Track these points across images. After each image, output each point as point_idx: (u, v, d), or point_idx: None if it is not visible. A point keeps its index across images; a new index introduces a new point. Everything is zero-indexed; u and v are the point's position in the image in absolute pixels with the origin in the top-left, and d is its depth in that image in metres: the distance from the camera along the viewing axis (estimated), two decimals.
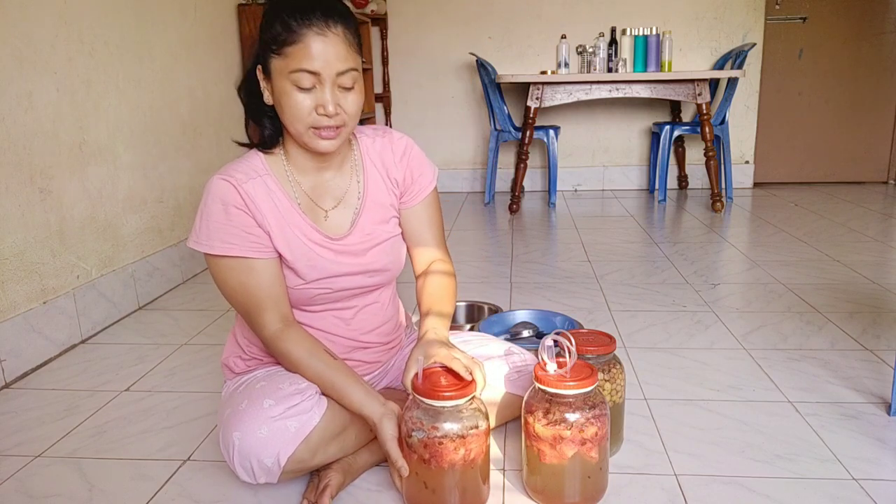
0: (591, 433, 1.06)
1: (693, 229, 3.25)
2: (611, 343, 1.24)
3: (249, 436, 1.06)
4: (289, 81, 1.07)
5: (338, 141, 1.12)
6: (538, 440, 1.08)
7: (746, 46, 3.91)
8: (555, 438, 1.06)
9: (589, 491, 1.10)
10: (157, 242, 2.43)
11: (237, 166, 1.17)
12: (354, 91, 1.11)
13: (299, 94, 1.07)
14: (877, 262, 2.57)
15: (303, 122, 1.09)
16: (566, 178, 4.45)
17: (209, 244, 1.13)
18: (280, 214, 1.16)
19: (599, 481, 1.11)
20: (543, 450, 1.08)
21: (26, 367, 1.77)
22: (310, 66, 1.05)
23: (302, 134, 1.11)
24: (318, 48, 1.05)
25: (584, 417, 1.06)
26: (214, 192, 1.13)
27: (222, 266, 1.14)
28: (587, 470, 1.08)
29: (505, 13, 4.26)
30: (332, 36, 1.06)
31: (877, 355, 1.72)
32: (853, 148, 4.40)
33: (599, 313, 2.08)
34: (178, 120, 2.59)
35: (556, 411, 1.07)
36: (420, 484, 1.07)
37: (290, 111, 1.09)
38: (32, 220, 1.82)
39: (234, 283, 1.15)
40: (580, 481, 1.09)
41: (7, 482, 1.26)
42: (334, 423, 1.12)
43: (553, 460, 1.08)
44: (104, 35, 2.14)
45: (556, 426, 1.06)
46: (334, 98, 1.08)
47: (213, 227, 1.12)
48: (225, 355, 1.32)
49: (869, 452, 1.27)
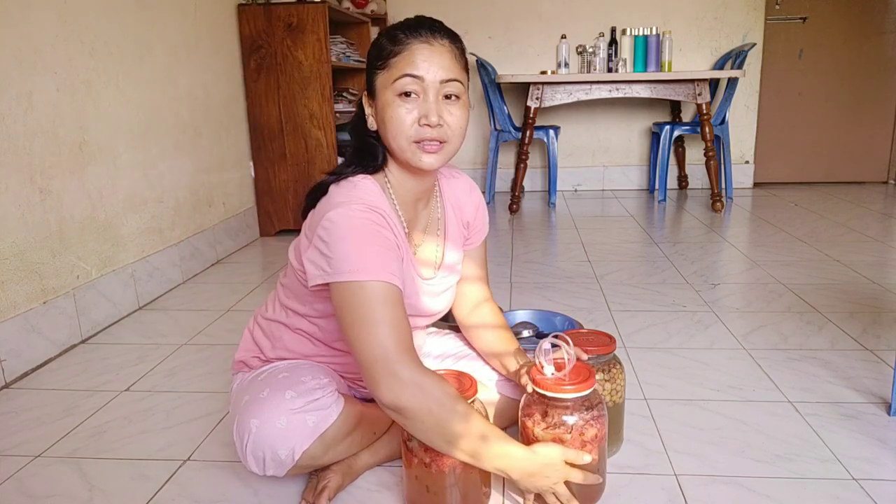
0: (590, 435, 1.05)
1: (693, 229, 3.25)
2: (611, 343, 1.24)
3: (268, 425, 1.05)
4: (392, 92, 1.05)
5: (441, 157, 1.08)
6: (533, 443, 1.07)
7: (746, 46, 3.91)
8: (554, 442, 1.06)
9: (588, 492, 1.09)
10: (157, 242, 2.43)
11: (360, 194, 1.08)
12: (459, 105, 1.08)
13: (403, 104, 1.05)
14: (877, 262, 2.57)
15: (405, 134, 1.06)
16: (566, 178, 4.45)
17: (365, 271, 0.99)
18: (402, 247, 1.12)
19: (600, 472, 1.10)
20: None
21: (26, 367, 1.77)
22: (414, 71, 1.04)
23: (405, 150, 1.07)
24: (423, 54, 1.05)
25: (582, 420, 1.05)
26: (357, 218, 1.02)
27: (373, 296, 0.99)
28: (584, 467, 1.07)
29: (505, 13, 4.26)
30: (437, 45, 1.06)
31: (877, 355, 1.72)
32: (853, 148, 4.40)
33: (599, 313, 2.08)
34: (178, 120, 2.59)
35: (555, 414, 1.06)
36: (422, 487, 1.07)
37: (393, 123, 1.06)
38: (32, 220, 1.82)
39: (384, 311, 0.99)
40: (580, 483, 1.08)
41: (7, 482, 1.26)
42: (348, 422, 1.12)
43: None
44: (104, 35, 2.14)
45: (554, 429, 1.06)
46: (438, 108, 1.06)
47: (361, 251, 1.00)
48: (240, 356, 1.29)
49: (869, 452, 1.27)
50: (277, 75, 3.14)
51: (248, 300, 2.32)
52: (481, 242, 1.34)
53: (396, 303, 1.01)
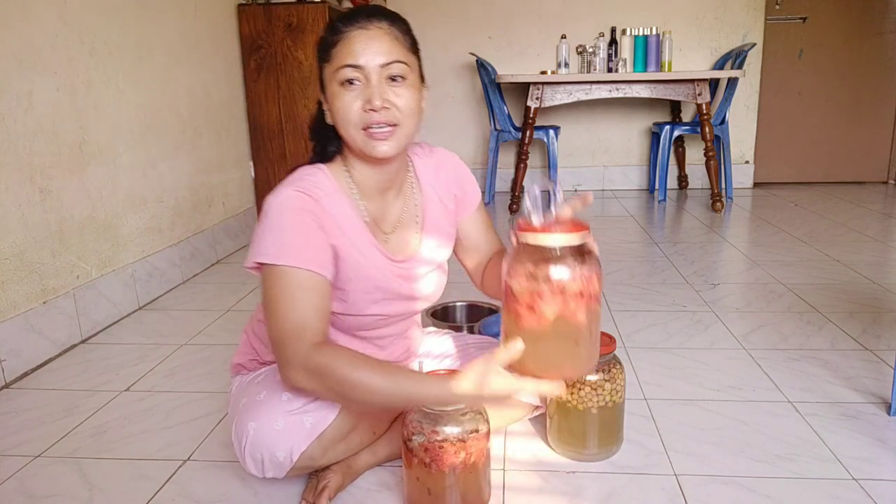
0: (575, 289, 0.90)
1: (693, 229, 3.25)
2: (611, 343, 1.24)
3: (265, 427, 1.06)
4: (336, 82, 1.05)
5: (395, 142, 1.07)
6: (515, 301, 0.93)
7: (746, 46, 3.91)
8: (532, 297, 0.91)
9: (577, 361, 0.95)
10: (157, 242, 2.43)
11: (307, 181, 1.10)
12: (406, 85, 1.07)
13: (347, 93, 1.05)
14: (877, 262, 2.57)
15: (352, 122, 1.06)
16: (566, 178, 4.45)
17: (279, 255, 1.03)
18: (350, 234, 1.12)
19: (588, 350, 0.95)
20: (521, 312, 0.93)
21: (26, 367, 1.77)
22: (352, 60, 1.04)
23: (356, 139, 1.07)
24: (360, 41, 1.04)
25: (571, 273, 0.90)
26: (291, 203, 1.05)
27: (283, 279, 1.03)
28: (574, 335, 0.92)
29: (505, 13, 4.26)
30: (374, 29, 1.05)
31: (877, 355, 1.72)
32: (853, 148, 4.39)
33: None
34: (178, 120, 2.59)
35: (542, 268, 0.91)
36: (422, 489, 1.07)
37: (340, 113, 1.06)
38: (32, 220, 1.82)
39: (287, 298, 1.03)
40: (566, 349, 0.93)
41: (7, 482, 1.26)
42: (346, 423, 1.12)
43: (531, 324, 0.92)
44: (104, 35, 2.14)
45: (536, 282, 0.91)
46: (381, 91, 1.04)
47: (286, 238, 1.03)
48: (237, 359, 1.29)
49: (869, 452, 1.27)
50: (277, 75, 3.14)
51: (248, 300, 2.32)
52: (476, 209, 1.29)
53: (306, 288, 1.03)
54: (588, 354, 0.95)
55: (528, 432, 1.37)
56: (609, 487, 1.18)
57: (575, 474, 1.22)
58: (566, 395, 1.23)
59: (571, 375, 0.94)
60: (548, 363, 0.94)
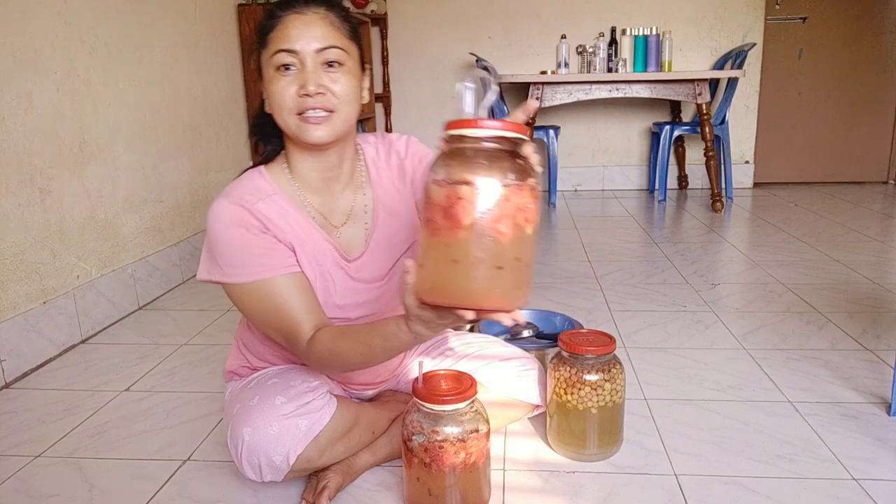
0: (501, 195, 0.75)
1: (693, 229, 3.25)
2: (611, 343, 1.24)
3: (260, 432, 1.05)
4: (271, 68, 1.04)
5: (329, 128, 1.04)
6: (431, 208, 0.77)
7: (746, 46, 3.91)
8: (450, 199, 0.74)
9: (499, 289, 0.76)
10: (157, 242, 2.43)
11: (240, 188, 1.09)
12: (343, 71, 1.04)
13: (282, 78, 1.03)
14: (877, 262, 2.57)
15: (287, 107, 1.03)
16: (566, 178, 4.45)
17: (228, 273, 1.04)
18: (299, 233, 1.09)
19: (514, 278, 0.77)
20: (435, 220, 0.76)
21: (26, 367, 1.77)
22: (287, 45, 1.02)
23: (290, 125, 1.05)
24: (295, 26, 1.02)
25: (498, 174, 0.75)
26: (224, 217, 1.04)
27: (249, 294, 1.05)
28: (497, 254, 0.75)
29: (505, 13, 4.26)
30: (310, 14, 1.03)
31: (877, 355, 1.72)
32: (853, 148, 4.39)
33: (599, 313, 2.08)
34: (178, 120, 2.59)
35: (464, 165, 0.75)
36: (422, 489, 1.07)
37: (276, 99, 1.04)
38: (32, 220, 1.82)
39: (266, 309, 1.04)
40: (486, 269, 0.75)
41: (7, 482, 1.26)
42: (343, 423, 1.12)
43: (445, 234, 0.75)
44: (104, 35, 2.14)
45: (454, 186, 0.75)
46: (316, 77, 1.02)
47: (230, 254, 1.04)
48: (229, 366, 1.28)
49: (869, 452, 1.27)
50: None
51: None
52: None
53: (277, 294, 1.04)
54: (514, 283, 0.78)
55: (527, 432, 1.37)
56: (609, 487, 1.18)
57: (575, 474, 1.22)
58: (568, 396, 1.23)
59: (491, 307, 0.77)
60: (460, 286, 0.76)
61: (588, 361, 1.22)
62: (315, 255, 1.11)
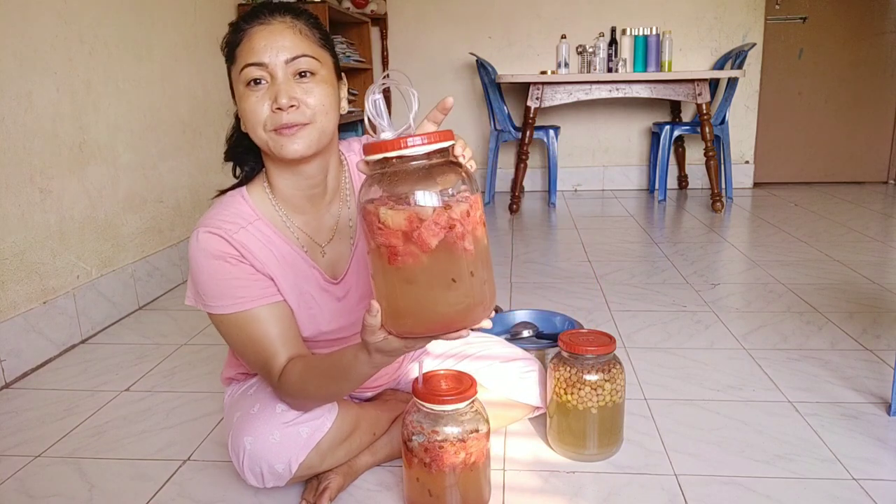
0: (459, 212, 0.74)
1: (693, 229, 3.25)
2: (611, 343, 1.24)
3: (261, 441, 1.05)
4: (242, 84, 0.99)
5: (306, 140, 0.99)
6: (386, 235, 0.74)
7: (746, 46, 3.91)
8: (411, 223, 0.73)
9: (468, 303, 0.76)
10: (157, 242, 2.43)
11: (221, 215, 1.05)
12: (317, 81, 0.99)
13: (252, 94, 0.98)
14: (877, 262, 2.57)
15: (261, 124, 0.99)
16: (566, 178, 4.45)
17: (216, 304, 1.03)
18: (282, 263, 1.07)
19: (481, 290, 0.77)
20: (395, 245, 0.74)
21: (26, 367, 1.77)
22: (255, 58, 0.97)
23: (266, 141, 1.00)
24: (262, 38, 0.98)
25: (452, 191, 0.75)
26: (204, 247, 1.02)
27: (228, 324, 1.04)
28: (462, 272, 0.75)
29: (505, 13, 4.26)
30: (276, 24, 0.99)
31: (877, 355, 1.72)
32: (853, 148, 4.39)
33: (599, 313, 2.08)
34: (177, 120, 2.59)
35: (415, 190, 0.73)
36: (422, 490, 1.07)
37: (248, 116, 0.99)
38: (32, 220, 1.82)
39: (243, 340, 1.04)
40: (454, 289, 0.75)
41: (7, 482, 1.26)
42: (344, 428, 1.12)
43: (409, 260, 0.74)
44: (104, 35, 2.14)
45: (409, 207, 0.73)
46: (288, 90, 0.97)
47: (208, 286, 1.03)
48: (227, 372, 1.27)
49: (869, 452, 1.27)
50: None
51: None
52: None
53: (256, 323, 1.03)
54: (479, 298, 0.77)
55: (528, 432, 1.37)
56: (609, 487, 1.18)
57: (575, 474, 1.22)
58: (568, 396, 1.23)
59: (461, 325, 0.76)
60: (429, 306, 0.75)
61: (588, 361, 1.22)
62: (298, 284, 1.08)
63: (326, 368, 0.97)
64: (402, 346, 0.82)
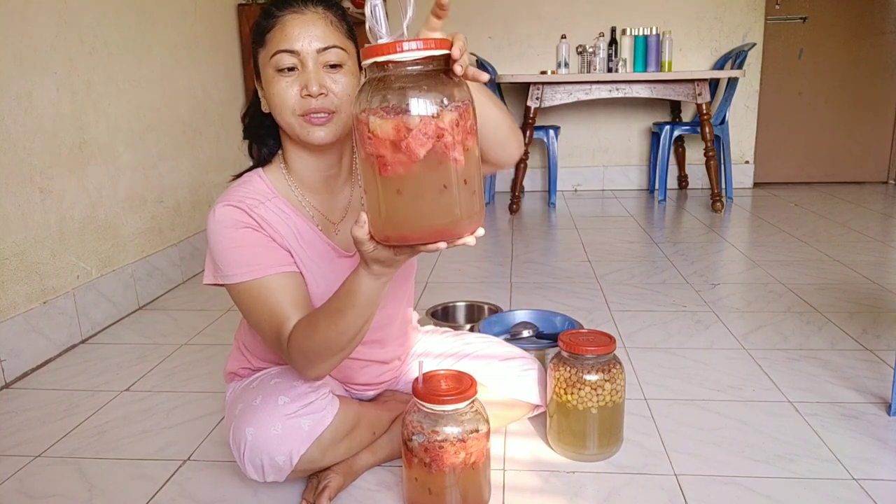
0: (448, 121, 0.72)
1: (693, 229, 3.25)
2: (611, 343, 1.24)
3: (263, 432, 1.05)
4: (272, 68, 1.02)
5: (332, 129, 1.04)
6: (374, 144, 0.73)
7: (746, 46, 3.91)
8: (398, 133, 0.71)
9: (457, 212, 0.75)
10: (157, 242, 2.43)
11: (240, 192, 1.08)
12: (344, 72, 1.03)
13: (283, 79, 1.02)
14: (877, 262, 2.57)
15: (290, 108, 1.03)
16: (566, 178, 4.45)
17: (234, 273, 1.03)
18: (300, 239, 1.09)
19: (470, 201, 0.76)
20: (384, 156, 0.73)
21: (26, 367, 1.77)
22: (288, 45, 1.00)
23: (293, 126, 1.04)
24: (295, 26, 1.01)
25: (448, 102, 0.73)
26: (224, 220, 1.04)
27: (245, 293, 1.05)
28: (451, 182, 0.74)
29: (505, 13, 4.26)
30: (310, 14, 1.02)
31: (877, 355, 1.72)
32: (853, 148, 4.39)
33: (599, 313, 2.08)
34: (178, 120, 2.59)
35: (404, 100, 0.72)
36: (422, 489, 1.07)
37: (277, 100, 1.03)
38: (32, 220, 1.82)
39: (258, 308, 1.04)
40: (442, 199, 0.74)
41: (7, 482, 1.26)
42: (345, 423, 1.12)
43: (398, 170, 0.73)
44: (104, 35, 2.14)
45: (398, 116, 0.72)
46: (318, 77, 1.01)
47: (228, 255, 1.04)
48: (230, 367, 1.28)
49: (869, 452, 1.27)
50: None
51: None
52: None
53: (270, 293, 1.03)
54: (468, 208, 0.76)
55: (528, 432, 1.37)
56: (609, 487, 1.18)
57: (575, 474, 1.22)
58: (568, 396, 1.23)
59: (451, 234, 0.76)
60: (422, 221, 0.75)
61: (588, 361, 1.22)
62: (314, 259, 1.11)
63: (332, 303, 0.96)
64: (391, 254, 0.84)
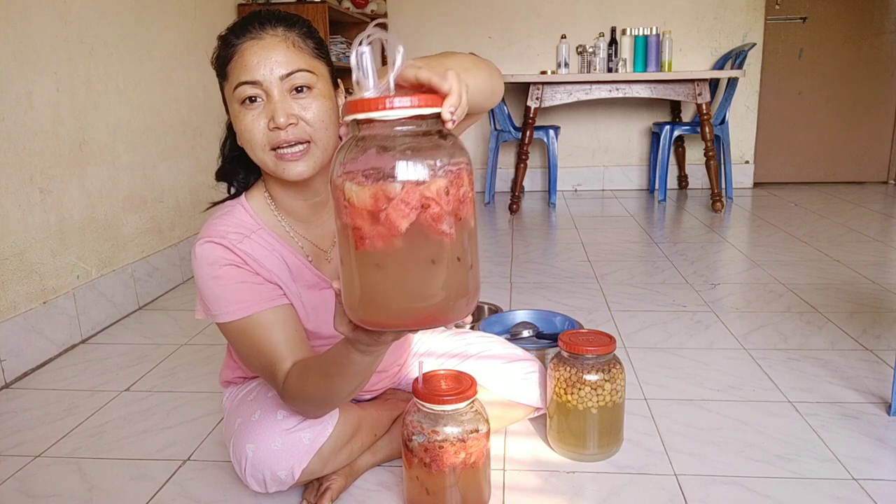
0: (436, 189, 0.62)
1: (693, 229, 3.25)
2: (611, 343, 1.24)
3: (263, 448, 1.05)
4: (236, 101, 0.95)
5: (310, 161, 0.96)
6: (352, 215, 0.63)
7: (746, 46, 3.91)
8: (377, 201, 0.62)
9: (443, 296, 0.65)
10: (157, 242, 2.43)
11: (222, 226, 1.02)
12: (314, 95, 0.95)
13: (249, 112, 0.94)
14: (877, 262, 2.57)
15: (259, 145, 0.95)
16: (566, 178, 4.45)
17: (222, 312, 1.00)
18: (288, 271, 1.05)
19: (461, 282, 0.66)
20: (361, 227, 0.63)
21: (26, 367, 1.77)
22: (248, 76, 0.93)
23: (267, 163, 0.97)
24: (254, 53, 0.93)
25: (437, 166, 0.63)
26: (206, 258, 1.00)
27: (235, 332, 1.02)
28: (438, 259, 0.64)
29: (505, 13, 4.26)
30: (268, 38, 0.94)
31: (877, 355, 1.72)
32: (853, 148, 4.39)
33: (599, 313, 2.08)
34: (178, 120, 2.59)
35: (385, 163, 0.62)
36: (422, 489, 1.07)
37: (246, 136, 0.96)
38: (32, 220, 1.82)
39: (249, 345, 1.01)
40: (427, 279, 0.64)
41: (7, 482, 1.26)
42: (345, 432, 1.11)
43: (377, 244, 0.63)
44: (104, 35, 2.14)
45: (378, 182, 0.61)
46: (285, 107, 0.93)
47: (218, 293, 1.00)
48: (225, 376, 1.27)
49: (869, 452, 1.27)
50: None
51: None
52: None
53: (260, 329, 1.00)
54: (458, 290, 0.66)
55: (528, 432, 1.37)
56: (609, 487, 1.18)
57: (575, 474, 1.22)
58: (568, 396, 1.23)
59: (435, 322, 0.65)
60: (403, 305, 0.65)
61: (588, 361, 1.22)
62: (305, 292, 1.08)
63: (323, 366, 0.93)
64: (370, 340, 0.77)
